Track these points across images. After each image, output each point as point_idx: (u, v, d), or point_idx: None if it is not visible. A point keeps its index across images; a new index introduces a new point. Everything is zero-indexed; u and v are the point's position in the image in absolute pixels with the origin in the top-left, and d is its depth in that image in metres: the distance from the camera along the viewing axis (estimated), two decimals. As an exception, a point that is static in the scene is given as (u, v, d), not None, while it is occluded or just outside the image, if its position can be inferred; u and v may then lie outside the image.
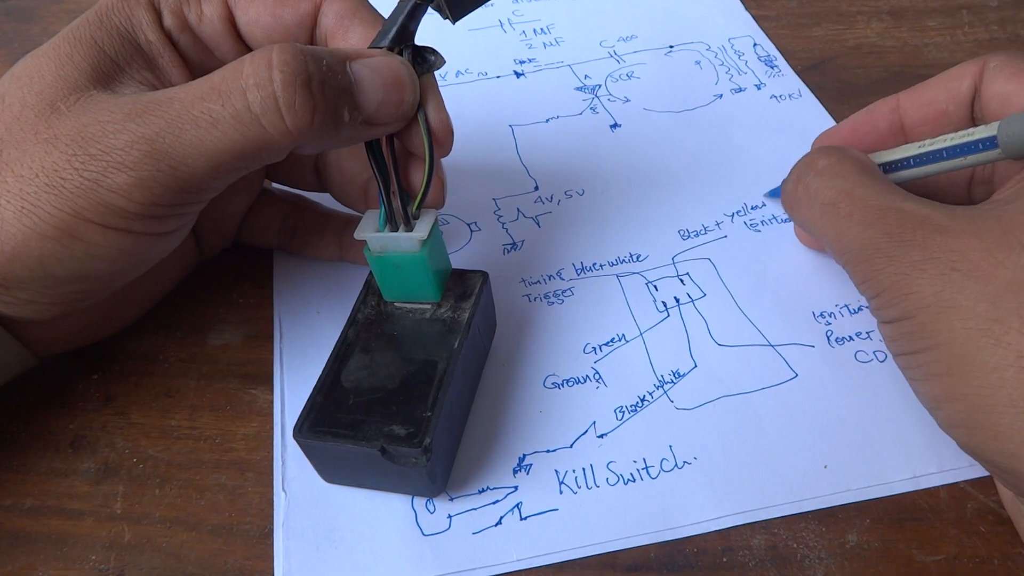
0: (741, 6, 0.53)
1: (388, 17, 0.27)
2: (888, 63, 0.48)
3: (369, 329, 0.30)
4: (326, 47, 0.27)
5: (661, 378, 0.32)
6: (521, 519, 0.28)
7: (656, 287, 0.35)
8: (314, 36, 0.29)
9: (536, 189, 0.40)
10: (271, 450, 0.30)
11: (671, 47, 0.49)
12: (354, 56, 0.26)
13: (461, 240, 0.38)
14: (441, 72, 0.27)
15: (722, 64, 0.48)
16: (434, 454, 0.26)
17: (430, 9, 0.27)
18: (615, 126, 0.44)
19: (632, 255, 0.37)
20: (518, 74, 0.48)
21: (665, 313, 0.34)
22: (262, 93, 0.24)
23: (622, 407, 0.31)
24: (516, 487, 0.29)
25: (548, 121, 0.45)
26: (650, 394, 0.31)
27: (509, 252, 0.37)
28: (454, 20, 0.27)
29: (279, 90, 0.24)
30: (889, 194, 0.26)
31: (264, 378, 0.33)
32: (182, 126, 0.24)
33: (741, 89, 0.46)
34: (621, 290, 0.35)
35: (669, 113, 0.45)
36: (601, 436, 0.30)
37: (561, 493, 0.29)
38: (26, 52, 0.27)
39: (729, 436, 0.30)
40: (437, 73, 0.28)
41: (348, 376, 0.28)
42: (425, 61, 0.27)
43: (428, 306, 0.30)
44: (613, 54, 0.49)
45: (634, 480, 0.29)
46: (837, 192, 0.27)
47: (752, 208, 0.39)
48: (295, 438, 0.27)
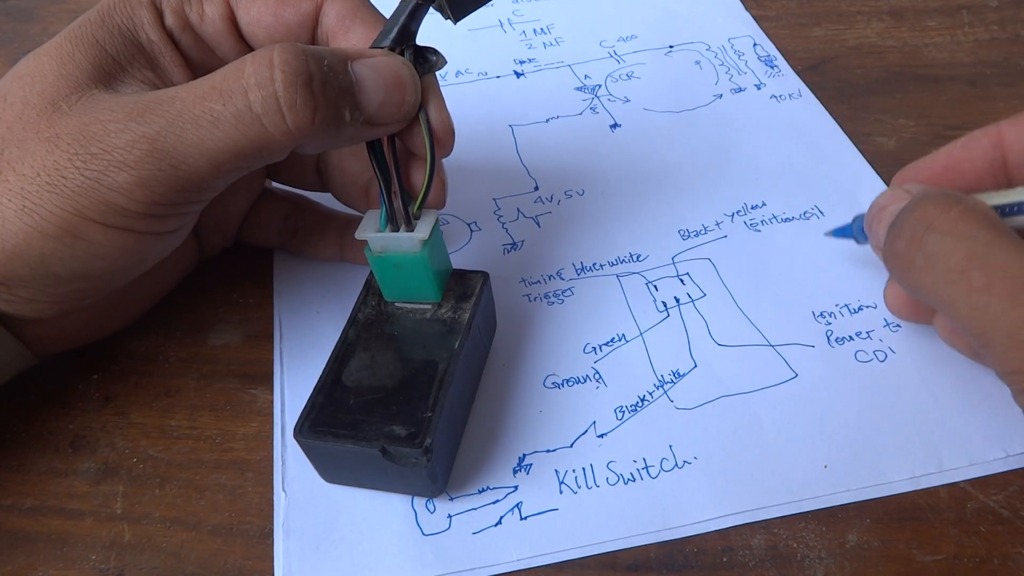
0: (741, 6, 0.53)
1: (389, 17, 0.27)
2: (888, 63, 0.48)
3: (370, 329, 0.30)
4: (327, 47, 0.27)
5: (661, 378, 0.32)
6: (521, 519, 0.28)
7: (656, 287, 0.35)
8: (315, 36, 0.29)
9: (536, 189, 0.40)
10: (271, 450, 0.30)
11: (671, 47, 0.49)
12: (356, 56, 0.26)
13: (461, 240, 0.38)
14: (441, 72, 0.27)
15: (722, 64, 0.48)
16: (434, 454, 0.26)
17: (431, 9, 0.27)
18: (615, 126, 0.44)
19: (632, 255, 0.37)
20: (518, 74, 0.48)
21: (665, 313, 0.34)
22: (263, 92, 0.24)
23: (622, 407, 0.31)
24: (516, 487, 0.29)
25: (548, 121, 0.45)
26: (650, 394, 0.31)
27: (509, 252, 0.37)
28: (456, 20, 0.27)
29: (280, 89, 0.24)
30: None
31: (264, 378, 0.33)
32: (183, 125, 0.24)
33: (741, 89, 0.46)
34: (621, 290, 0.35)
35: (669, 113, 0.45)
36: (601, 436, 0.30)
37: (561, 493, 0.29)
38: (26, 52, 0.27)
39: (729, 436, 0.30)
40: (437, 73, 0.28)
41: (349, 376, 0.28)
42: (427, 61, 0.27)
43: (429, 306, 0.30)
44: (613, 54, 0.49)
45: (634, 480, 0.29)
46: (967, 257, 0.23)
47: (752, 208, 0.39)
48: (295, 438, 0.27)
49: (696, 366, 0.32)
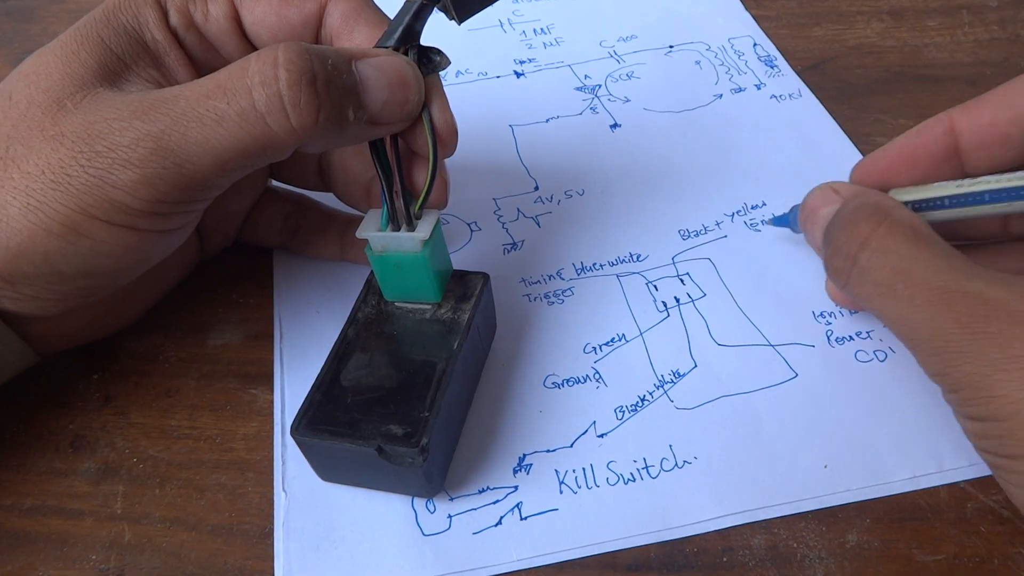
0: (741, 6, 0.53)
1: (394, 17, 0.27)
2: (888, 63, 0.48)
3: (369, 328, 0.30)
4: (332, 46, 0.27)
5: (661, 378, 0.32)
6: (521, 519, 0.28)
7: (656, 287, 0.35)
8: (319, 36, 0.29)
9: (536, 189, 0.40)
10: (271, 450, 0.30)
11: (671, 47, 0.50)
12: (360, 55, 0.26)
13: (461, 240, 0.38)
14: (442, 72, 0.27)
15: (722, 64, 0.48)
16: (431, 455, 0.26)
17: (435, 10, 0.27)
18: (615, 126, 0.44)
19: (632, 255, 0.37)
20: (518, 74, 0.48)
21: (665, 313, 0.34)
22: (267, 91, 0.24)
23: (622, 407, 0.31)
24: (516, 487, 0.29)
25: (548, 121, 0.45)
26: (650, 394, 0.31)
27: (509, 252, 0.37)
28: (460, 21, 0.27)
29: (284, 88, 0.24)
30: (951, 271, 0.24)
31: (264, 378, 0.33)
32: (187, 124, 0.24)
33: (741, 89, 0.46)
34: (621, 290, 0.35)
35: (669, 113, 0.45)
36: (601, 436, 0.30)
37: (561, 493, 0.29)
38: (26, 52, 0.28)
39: (729, 436, 0.30)
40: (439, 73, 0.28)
41: (347, 375, 0.28)
42: (430, 61, 0.27)
43: (428, 306, 0.30)
44: (613, 54, 0.49)
45: (634, 480, 0.29)
46: (892, 272, 0.25)
47: (752, 208, 0.39)
48: (292, 435, 0.27)
49: (696, 366, 0.32)
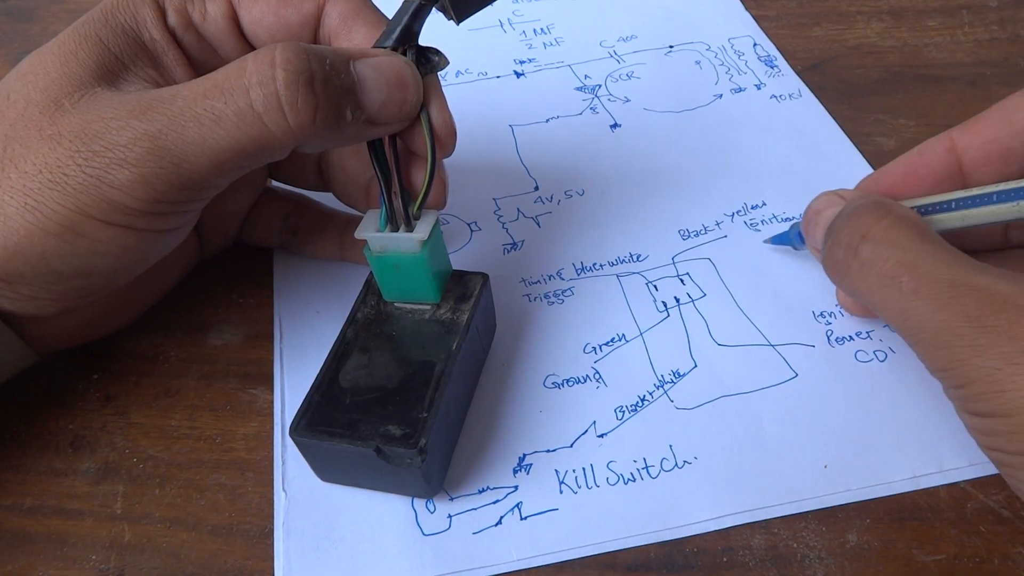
0: (741, 6, 0.53)
1: (392, 17, 0.27)
2: (888, 63, 0.48)
3: (368, 329, 0.30)
4: (329, 46, 0.27)
5: (661, 378, 0.32)
6: (521, 519, 0.28)
7: (656, 287, 0.35)
8: (318, 36, 0.29)
9: (536, 189, 0.40)
10: (271, 450, 0.30)
11: (671, 47, 0.50)
12: (358, 55, 0.26)
13: (461, 240, 0.38)
14: (441, 72, 0.27)
15: (722, 64, 0.48)
16: (429, 455, 0.26)
17: (434, 10, 0.27)
18: (615, 126, 0.44)
19: (632, 255, 0.37)
20: (518, 74, 0.48)
21: (665, 313, 0.34)
22: (265, 91, 0.24)
23: (622, 407, 0.31)
24: (516, 487, 0.29)
25: (548, 121, 0.45)
26: (650, 394, 0.31)
27: (509, 252, 0.37)
28: (458, 21, 0.27)
29: (282, 88, 0.24)
30: (957, 265, 0.24)
31: (264, 378, 0.33)
32: (185, 123, 0.24)
33: (741, 89, 0.46)
34: (621, 290, 0.35)
35: (669, 113, 0.45)
36: (601, 436, 0.30)
37: (561, 493, 0.29)
38: (26, 52, 0.28)
39: (729, 436, 0.30)
40: (438, 73, 0.28)
41: (346, 375, 0.28)
42: (429, 61, 0.27)
43: (428, 307, 0.30)
44: (613, 54, 0.49)
45: (634, 480, 0.29)
46: (897, 264, 0.24)
47: (752, 208, 0.39)
48: (291, 436, 0.27)
49: (696, 366, 0.32)
